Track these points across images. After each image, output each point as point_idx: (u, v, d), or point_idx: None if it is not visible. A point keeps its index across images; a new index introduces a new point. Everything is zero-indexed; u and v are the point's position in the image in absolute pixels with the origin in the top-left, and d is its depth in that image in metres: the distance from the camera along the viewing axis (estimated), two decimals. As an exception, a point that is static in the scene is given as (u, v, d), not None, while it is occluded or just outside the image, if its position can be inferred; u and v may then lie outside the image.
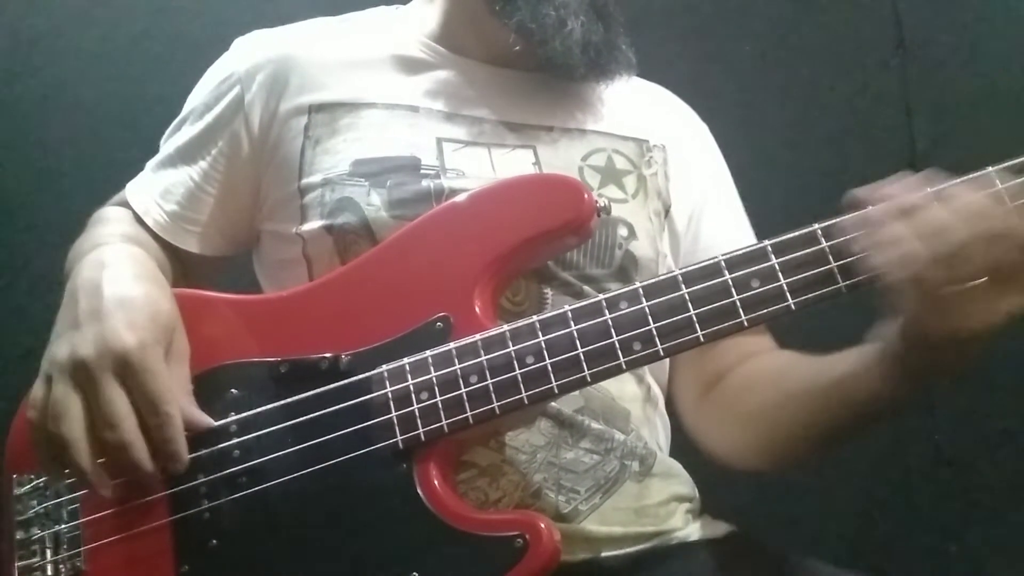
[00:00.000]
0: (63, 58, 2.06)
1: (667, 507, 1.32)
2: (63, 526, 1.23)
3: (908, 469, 2.08)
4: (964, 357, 1.06)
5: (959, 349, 1.05)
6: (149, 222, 1.42)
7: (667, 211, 1.45)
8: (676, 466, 1.39)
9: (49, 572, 1.22)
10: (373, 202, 1.29)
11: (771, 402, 1.32)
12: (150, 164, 1.48)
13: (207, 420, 1.20)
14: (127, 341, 1.16)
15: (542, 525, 1.09)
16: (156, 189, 1.44)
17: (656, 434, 1.38)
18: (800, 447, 1.30)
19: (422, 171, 1.32)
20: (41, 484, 1.26)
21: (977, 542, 2.04)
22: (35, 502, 1.25)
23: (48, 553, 1.23)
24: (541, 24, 1.34)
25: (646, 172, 1.43)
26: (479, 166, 1.35)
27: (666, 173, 1.46)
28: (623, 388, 1.32)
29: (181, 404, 1.19)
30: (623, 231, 1.35)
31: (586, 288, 1.31)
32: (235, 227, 1.45)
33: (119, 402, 1.15)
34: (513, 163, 1.37)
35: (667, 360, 1.45)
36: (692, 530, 1.33)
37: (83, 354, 1.16)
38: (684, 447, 1.44)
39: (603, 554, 1.25)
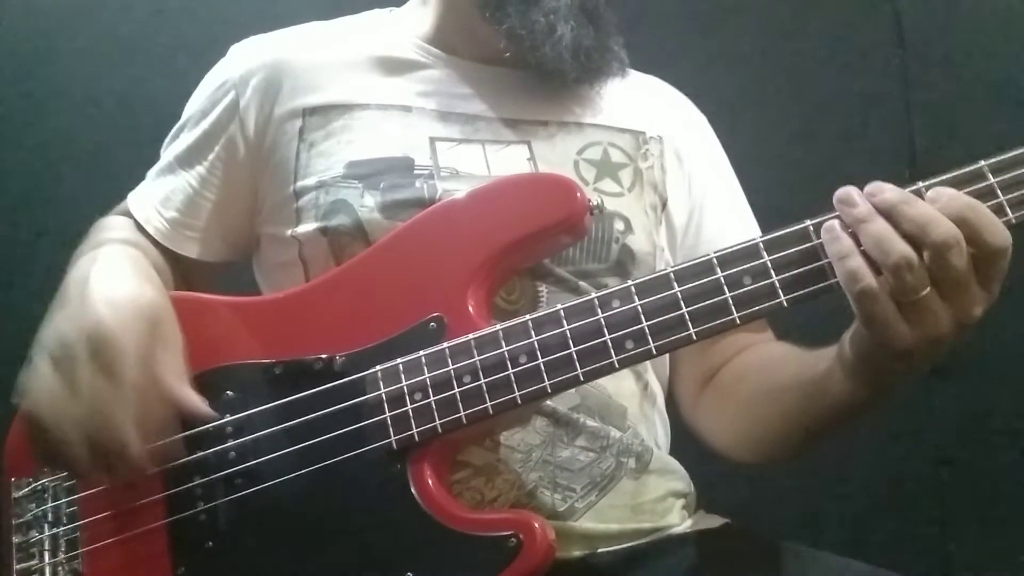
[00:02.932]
0: (63, 59, 2.07)
1: (664, 503, 1.33)
2: (61, 528, 1.24)
3: (908, 469, 2.08)
4: (920, 365, 1.06)
5: (913, 360, 1.04)
6: (150, 230, 1.43)
7: (664, 204, 1.45)
8: (673, 462, 1.39)
9: (47, 574, 1.22)
10: (366, 204, 1.29)
11: (760, 393, 1.33)
12: (151, 172, 1.49)
13: (203, 407, 1.20)
14: (103, 315, 1.16)
15: (536, 524, 1.09)
16: (156, 197, 1.45)
17: (654, 431, 1.38)
18: (785, 440, 1.30)
19: (415, 171, 1.32)
20: (40, 487, 1.26)
21: (977, 542, 2.04)
22: (33, 505, 1.26)
23: (47, 556, 1.23)
24: (531, 30, 1.34)
25: (642, 165, 1.43)
26: (473, 163, 1.35)
27: (663, 166, 1.46)
28: (620, 385, 1.32)
29: (179, 391, 1.19)
30: (619, 225, 1.36)
31: (582, 284, 1.31)
32: (235, 232, 1.45)
33: (82, 376, 1.14)
34: (508, 159, 1.37)
35: (667, 357, 1.46)
36: (688, 524, 1.34)
37: (62, 331, 1.17)
38: (684, 445, 1.44)
39: (600, 550, 1.25)
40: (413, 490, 1.12)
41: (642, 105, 1.51)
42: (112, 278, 1.23)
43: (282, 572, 1.16)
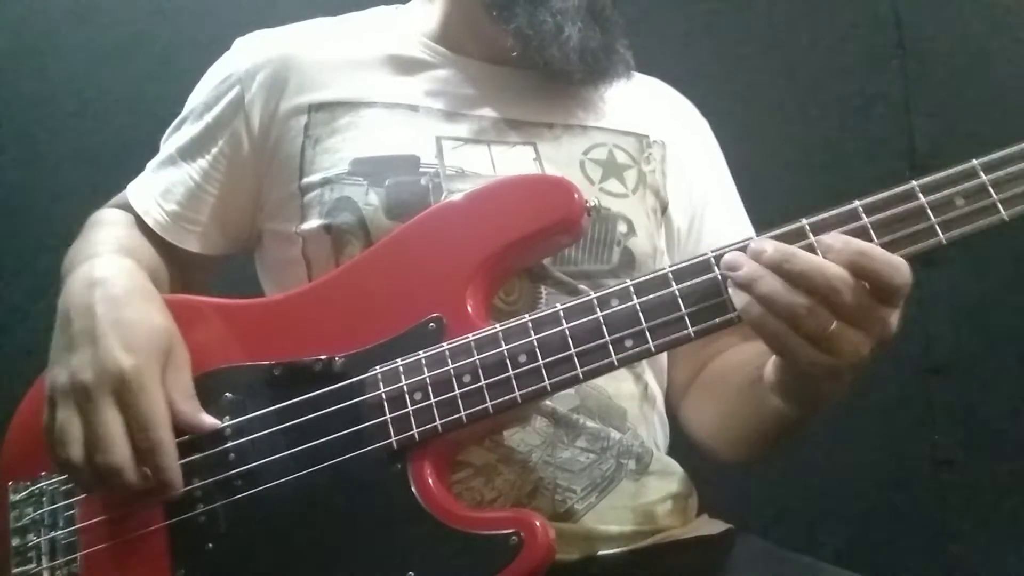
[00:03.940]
0: (63, 58, 2.07)
1: (664, 505, 1.33)
2: (59, 532, 1.23)
3: (908, 469, 2.08)
4: (846, 383, 1.07)
5: (838, 379, 1.05)
6: (150, 222, 1.42)
7: (664, 208, 1.45)
8: (673, 464, 1.39)
9: (45, 578, 1.23)
10: (371, 202, 1.29)
11: (728, 393, 1.33)
12: (151, 164, 1.48)
13: (211, 421, 1.20)
14: (123, 362, 1.16)
15: (537, 523, 1.08)
16: (157, 189, 1.44)
17: (653, 432, 1.38)
18: (749, 441, 1.31)
19: (421, 169, 1.32)
20: (37, 491, 1.26)
21: (977, 542, 2.04)
22: (31, 509, 1.25)
23: (44, 559, 1.23)
24: (538, 30, 1.35)
25: (645, 168, 1.43)
26: (479, 163, 1.35)
27: (664, 170, 1.46)
28: (619, 386, 1.32)
29: (186, 409, 1.19)
30: (622, 227, 1.36)
31: (582, 285, 1.31)
32: (236, 227, 1.45)
33: (113, 426, 1.14)
34: (514, 160, 1.37)
35: (665, 359, 1.46)
36: (689, 528, 1.34)
37: (82, 378, 1.16)
38: (684, 446, 1.44)
39: (600, 552, 1.25)
40: (414, 490, 1.12)
41: (645, 109, 1.51)
42: (117, 308, 1.22)
43: (283, 574, 1.16)
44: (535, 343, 1.11)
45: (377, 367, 1.16)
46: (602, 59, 1.39)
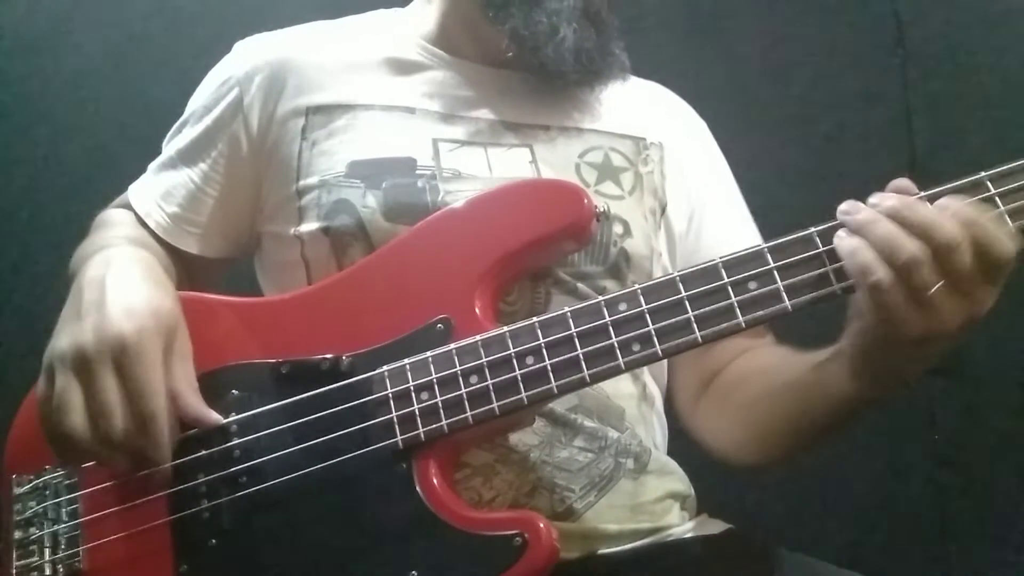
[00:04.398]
0: (63, 59, 2.07)
1: (663, 504, 1.33)
2: (62, 526, 1.23)
3: (908, 469, 2.08)
4: (927, 358, 1.08)
5: (922, 351, 1.06)
6: (151, 224, 1.43)
7: (663, 209, 1.45)
8: (671, 463, 1.39)
9: (47, 572, 1.22)
10: (369, 204, 1.30)
11: (760, 395, 1.32)
12: (152, 166, 1.49)
13: (214, 416, 1.20)
14: (125, 328, 1.15)
15: (541, 524, 1.09)
16: (157, 191, 1.45)
17: (652, 432, 1.38)
18: (785, 441, 1.30)
19: (418, 171, 1.32)
20: (41, 484, 1.26)
21: (977, 542, 2.04)
22: (34, 502, 1.25)
23: (46, 553, 1.23)
24: (533, 31, 1.35)
25: (642, 170, 1.43)
26: (476, 165, 1.35)
27: (662, 171, 1.46)
28: (618, 386, 1.32)
29: (189, 401, 1.19)
30: (618, 228, 1.36)
31: (580, 286, 1.31)
32: (236, 229, 1.45)
33: (112, 393, 1.14)
34: (510, 162, 1.37)
35: (666, 360, 1.45)
36: (688, 527, 1.34)
37: (82, 342, 1.15)
38: (683, 447, 1.44)
39: (599, 551, 1.25)
40: (418, 489, 1.12)
41: (642, 111, 1.52)
42: (128, 285, 1.22)
43: (285, 571, 1.16)
44: (542, 345, 1.11)
45: (384, 366, 1.16)
46: (597, 60, 1.39)
